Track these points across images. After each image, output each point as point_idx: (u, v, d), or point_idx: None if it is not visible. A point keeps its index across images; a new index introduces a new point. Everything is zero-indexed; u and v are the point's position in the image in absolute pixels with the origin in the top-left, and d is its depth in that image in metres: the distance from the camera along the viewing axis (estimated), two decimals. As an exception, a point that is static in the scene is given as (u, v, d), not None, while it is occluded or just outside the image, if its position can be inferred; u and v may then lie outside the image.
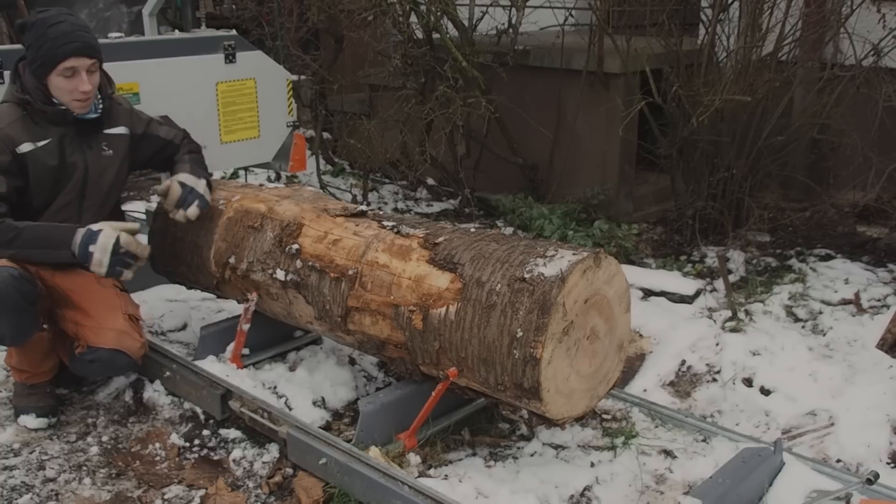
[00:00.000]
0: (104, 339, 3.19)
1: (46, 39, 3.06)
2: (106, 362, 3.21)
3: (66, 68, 3.07)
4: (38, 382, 3.30)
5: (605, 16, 5.25)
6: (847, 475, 2.83)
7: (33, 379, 3.28)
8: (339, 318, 3.06)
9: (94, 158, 3.26)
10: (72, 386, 3.50)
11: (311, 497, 2.83)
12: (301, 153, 4.69)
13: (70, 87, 3.11)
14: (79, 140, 3.23)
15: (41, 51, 3.07)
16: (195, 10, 4.84)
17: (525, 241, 2.85)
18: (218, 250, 3.43)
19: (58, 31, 3.06)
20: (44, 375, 3.31)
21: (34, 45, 3.09)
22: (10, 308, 2.96)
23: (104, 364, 3.22)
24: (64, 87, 3.11)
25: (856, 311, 4.22)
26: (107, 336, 3.19)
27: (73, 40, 3.07)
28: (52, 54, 3.06)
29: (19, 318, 3.00)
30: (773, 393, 3.51)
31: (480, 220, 5.74)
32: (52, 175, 3.16)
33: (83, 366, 3.25)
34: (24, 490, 2.90)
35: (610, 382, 2.90)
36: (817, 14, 4.84)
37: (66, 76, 3.09)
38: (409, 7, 5.50)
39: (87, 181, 3.26)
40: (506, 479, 2.90)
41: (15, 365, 3.26)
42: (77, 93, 3.12)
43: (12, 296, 2.93)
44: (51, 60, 3.07)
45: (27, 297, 2.99)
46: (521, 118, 5.80)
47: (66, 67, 3.07)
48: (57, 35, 3.05)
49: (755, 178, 5.01)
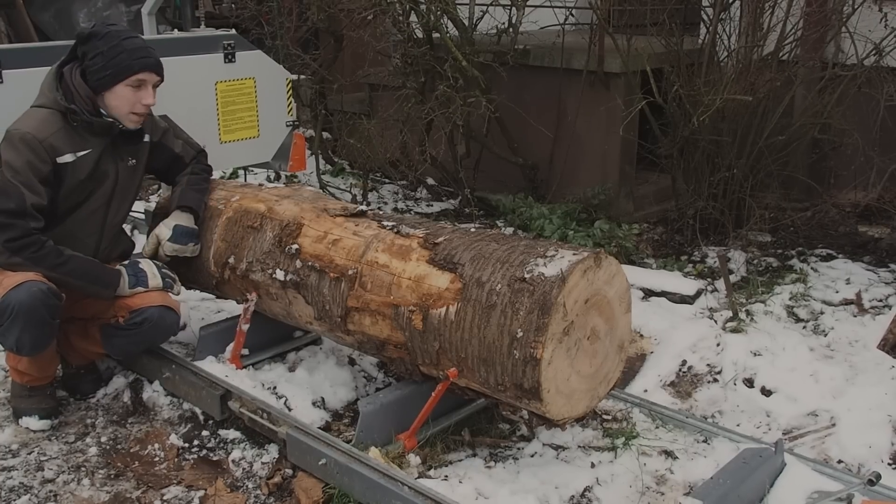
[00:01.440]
0: (150, 299, 3.29)
1: (122, 50, 3.13)
2: (157, 320, 3.27)
3: (138, 80, 3.17)
4: (40, 385, 3.28)
5: (606, 15, 5.24)
6: (848, 476, 2.82)
7: (36, 382, 3.27)
8: (339, 318, 3.05)
9: (123, 170, 3.32)
10: (75, 395, 3.50)
11: (311, 498, 2.82)
12: (301, 153, 4.69)
13: (134, 98, 3.18)
14: (114, 152, 3.27)
15: (114, 60, 3.12)
16: (194, 9, 4.83)
17: (525, 241, 2.85)
18: (217, 250, 3.42)
19: (133, 44, 3.18)
20: (47, 378, 3.30)
21: (106, 53, 3.12)
22: (37, 322, 2.99)
23: (154, 323, 3.26)
24: (128, 98, 3.17)
25: (857, 311, 4.21)
26: (151, 296, 3.30)
27: (149, 55, 3.20)
28: (129, 65, 3.14)
29: (41, 332, 3.04)
30: (775, 393, 3.50)
31: (480, 220, 5.73)
32: (84, 185, 3.19)
33: (129, 334, 3.27)
34: (22, 491, 2.89)
35: (610, 383, 2.90)
36: (818, 13, 4.83)
37: (134, 87, 3.16)
38: (409, 6, 5.49)
39: (115, 191, 3.31)
40: (506, 479, 2.89)
41: (20, 368, 3.23)
42: (139, 105, 3.20)
43: (39, 310, 2.97)
44: (125, 70, 3.14)
45: (52, 312, 3.02)
46: (522, 118, 5.80)
47: (137, 79, 3.16)
48: (133, 48, 3.16)
49: (756, 177, 5.00)
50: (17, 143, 3.05)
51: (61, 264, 3.07)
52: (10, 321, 2.96)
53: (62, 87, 3.16)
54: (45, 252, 3.04)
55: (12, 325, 2.97)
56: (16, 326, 2.96)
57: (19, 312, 2.94)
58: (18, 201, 3.00)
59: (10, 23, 7.40)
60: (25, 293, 2.94)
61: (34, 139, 3.05)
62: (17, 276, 3.01)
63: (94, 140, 3.19)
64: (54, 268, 3.06)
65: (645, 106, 5.03)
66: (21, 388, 3.28)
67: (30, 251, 3.01)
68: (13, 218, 3.00)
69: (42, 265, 3.03)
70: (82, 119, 3.14)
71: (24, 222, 3.01)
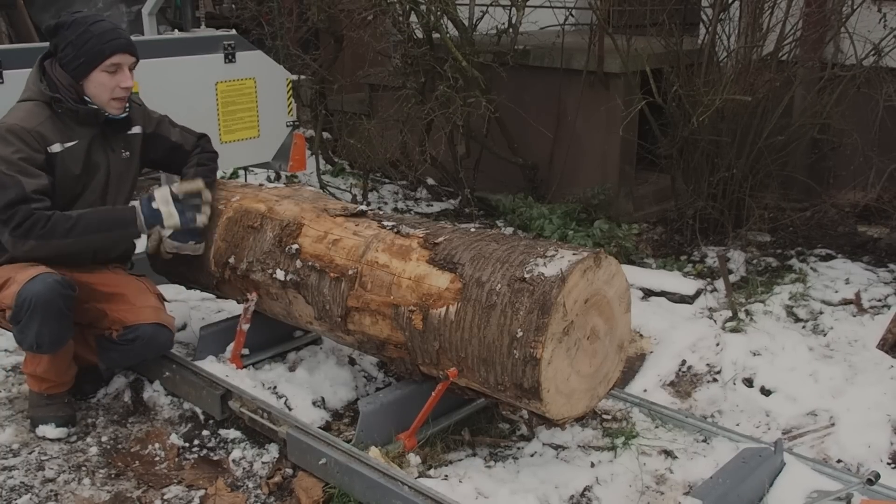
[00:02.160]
0: (143, 315, 3.24)
1: (91, 36, 3.09)
2: (149, 339, 3.24)
3: (112, 64, 3.12)
4: (58, 392, 3.25)
5: (606, 15, 5.25)
6: (848, 475, 2.83)
7: (54, 389, 3.23)
8: (339, 318, 3.05)
9: (115, 161, 3.29)
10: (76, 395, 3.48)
11: (311, 497, 2.82)
12: (301, 153, 4.68)
13: (112, 83, 3.14)
14: (103, 143, 3.25)
15: (84, 47, 3.09)
16: (195, 9, 4.83)
17: (525, 241, 2.85)
18: (217, 250, 3.42)
19: (101, 28, 3.12)
20: (65, 385, 3.27)
21: (75, 42, 3.09)
22: (55, 314, 2.97)
23: (146, 341, 3.24)
24: (106, 84, 3.14)
25: (856, 311, 4.21)
26: (145, 313, 3.25)
27: (118, 37, 3.14)
28: (99, 50, 3.09)
29: (60, 324, 3.01)
30: (774, 393, 3.51)
31: (480, 220, 5.73)
32: (76, 177, 3.18)
33: (121, 349, 3.25)
34: (23, 490, 2.89)
35: (610, 382, 2.90)
36: (818, 14, 4.84)
37: (110, 72, 3.13)
38: (409, 7, 5.50)
39: (108, 184, 3.29)
40: (506, 479, 2.89)
41: (40, 374, 3.17)
42: (119, 89, 3.15)
43: (56, 301, 2.96)
44: (97, 56, 3.10)
45: (67, 302, 3.01)
46: (521, 118, 5.80)
47: (111, 63, 3.12)
48: (101, 32, 3.11)
49: (755, 177, 5.00)
50: (6, 136, 3.03)
51: (73, 227, 3.04)
52: (28, 315, 2.94)
53: (45, 79, 3.15)
54: (52, 224, 3.02)
55: (31, 320, 2.95)
56: (35, 320, 2.95)
57: (37, 305, 2.92)
58: (18, 190, 2.99)
59: (11, 23, 7.40)
60: (41, 285, 2.94)
61: (22, 129, 3.04)
62: (28, 270, 3.00)
63: (81, 130, 3.17)
64: (68, 233, 3.03)
65: (644, 106, 5.04)
66: (39, 397, 3.23)
67: (38, 229, 2.99)
68: (14, 206, 2.99)
69: (55, 237, 3.01)
70: (67, 108, 3.12)
71: (27, 206, 2.99)
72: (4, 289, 3.05)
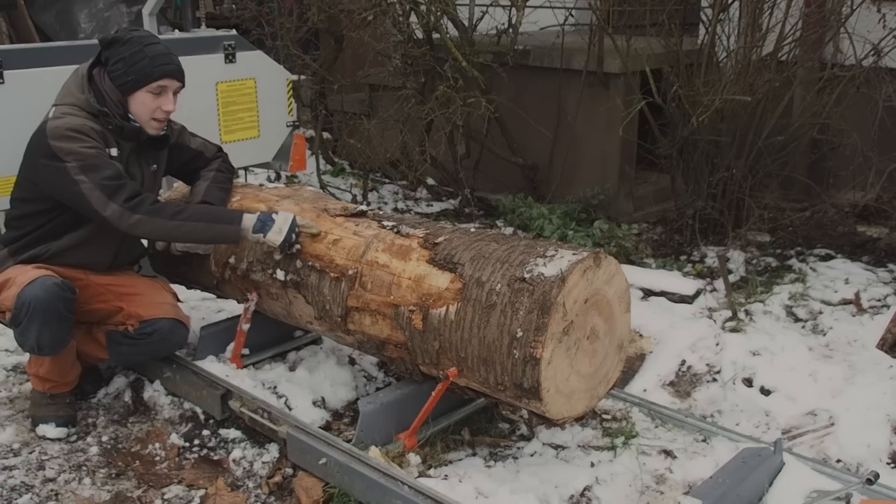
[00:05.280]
0: (161, 310, 3.27)
1: (143, 56, 3.11)
2: (167, 333, 3.26)
3: (158, 86, 3.14)
4: (61, 392, 3.26)
5: (605, 16, 5.25)
6: (847, 475, 2.83)
7: (57, 388, 3.24)
8: (339, 318, 3.06)
9: (147, 174, 3.33)
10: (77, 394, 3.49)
11: (311, 497, 2.83)
12: (301, 153, 4.68)
13: (154, 104, 3.17)
14: (139, 156, 3.28)
15: (135, 66, 3.10)
16: (195, 9, 4.83)
17: (525, 241, 2.85)
18: (218, 250, 3.43)
19: (155, 50, 3.14)
20: (68, 385, 3.28)
21: (127, 59, 3.11)
22: (54, 317, 2.99)
23: (164, 336, 3.25)
24: (149, 104, 3.16)
25: (856, 311, 4.22)
26: (162, 308, 3.28)
27: (170, 62, 3.17)
28: (149, 72, 3.12)
29: (59, 326, 3.03)
30: (773, 393, 3.51)
31: (480, 220, 5.74)
32: None
33: (135, 343, 3.26)
34: (23, 490, 2.90)
35: (610, 382, 2.90)
36: (817, 14, 4.84)
37: (155, 94, 3.15)
38: (409, 7, 5.50)
39: None
40: (506, 479, 2.89)
41: (42, 374, 3.19)
42: (159, 112, 3.18)
43: (55, 304, 2.97)
44: (146, 77, 3.12)
45: (67, 305, 3.02)
46: (521, 118, 5.80)
47: (157, 86, 3.14)
48: (155, 54, 3.13)
49: (755, 178, 5.01)
50: (72, 134, 3.02)
51: (181, 211, 3.07)
52: (27, 318, 2.96)
53: (93, 90, 3.15)
54: (160, 205, 3.07)
55: (30, 323, 2.96)
56: (34, 323, 2.96)
57: (36, 308, 2.94)
58: (113, 168, 3.04)
59: (12, 23, 7.40)
60: (40, 288, 2.95)
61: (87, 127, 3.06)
62: (28, 272, 3.02)
63: (122, 143, 3.19)
64: (174, 215, 3.04)
65: (644, 106, 5.04)
66: (41, 396, 3.24)
67: (147, 204, 3.02)
68: (120, 178, 3.02)
69: (162, 216, 3.03)
70: (114, 123, 3.14)
71: (133, 182, 3.06)
72: (4, 290, 3.06)
